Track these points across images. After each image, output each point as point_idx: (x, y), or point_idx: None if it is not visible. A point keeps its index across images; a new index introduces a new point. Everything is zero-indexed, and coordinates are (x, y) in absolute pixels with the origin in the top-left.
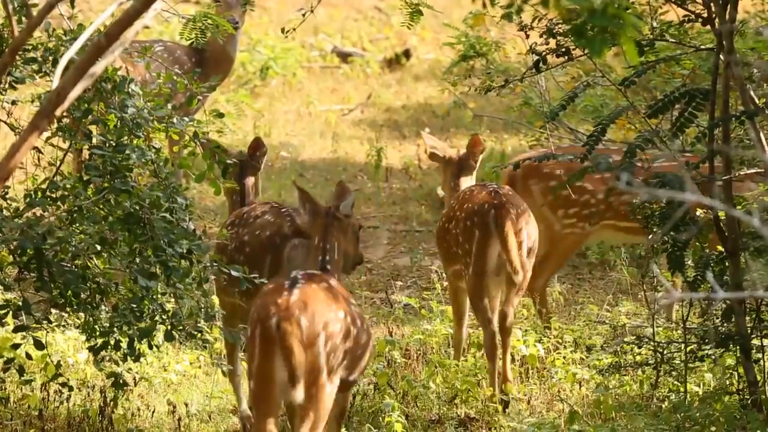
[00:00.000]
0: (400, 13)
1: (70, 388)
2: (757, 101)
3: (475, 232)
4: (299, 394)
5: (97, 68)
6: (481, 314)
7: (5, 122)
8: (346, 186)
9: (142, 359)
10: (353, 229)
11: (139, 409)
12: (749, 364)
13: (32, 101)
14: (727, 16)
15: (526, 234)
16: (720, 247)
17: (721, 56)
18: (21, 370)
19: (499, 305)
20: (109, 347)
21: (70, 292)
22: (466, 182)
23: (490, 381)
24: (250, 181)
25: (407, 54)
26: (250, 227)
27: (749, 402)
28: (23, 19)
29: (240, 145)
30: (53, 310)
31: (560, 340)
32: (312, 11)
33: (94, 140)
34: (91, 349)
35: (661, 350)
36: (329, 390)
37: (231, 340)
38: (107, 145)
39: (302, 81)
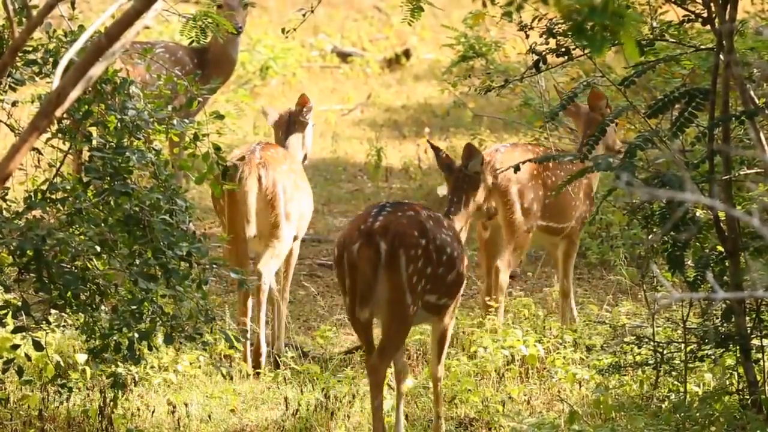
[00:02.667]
0: (400, 13)
1: (70, 389)
2: (756, 101)
3: None
4: (367, 315)
5: (98, 69)
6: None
7: (5, 123)
8: (473, 147)
9: (141, 361)
10: (485, 185)
11: (138, 410)
12: (749, 364)
13: (32, 102)
14: (726, 16)
15: (517, 194)
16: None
17: (721, 56)
18: (20, 371)
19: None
20: (109, 349)
21: (69, 293)
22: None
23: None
24: (296, 137)
25: (407, 54)
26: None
27: (749, 402)
28: (23, 20)
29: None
30: (53, 311)
31: (560, 340)
32: (312, 11)
33: (94, 142)
34: (90, 351)
35: (660, 350)
36: (411, 311)
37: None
38: (107, 147)
39: (302, 81)
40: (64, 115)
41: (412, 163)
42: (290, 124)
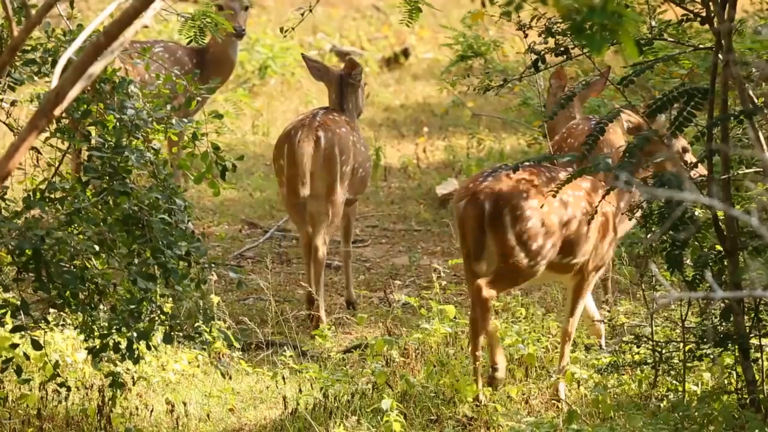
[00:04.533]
0: (399, 12)
1: (68, 388)
2: (755, 100)
3: None
4: (484, 268)
5: (96, 68)
6: None
7: (4, 122)
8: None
9: (140, 360)
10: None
11: (137, 409)
12: (748, 363)
13: (31, 101)
14: (725, 15)
15: None
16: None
17: (720, 55)
18: (19, 370)
19: None
20: (108, 349)
21: (68, 292)
22: None
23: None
24: (351, 98)
25: (406, 53)
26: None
27: (748, 401)
28: (22, 19)
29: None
30: (51, 310)
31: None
32: (311, 10)
33: (92, 141)
34: (89, 350)
35: (659, 349)
36: (526, 267)
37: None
38: (106, 146)
39: (301, 80)
40: (63, 115)
41: (411, 163)
42: (342, 86)
